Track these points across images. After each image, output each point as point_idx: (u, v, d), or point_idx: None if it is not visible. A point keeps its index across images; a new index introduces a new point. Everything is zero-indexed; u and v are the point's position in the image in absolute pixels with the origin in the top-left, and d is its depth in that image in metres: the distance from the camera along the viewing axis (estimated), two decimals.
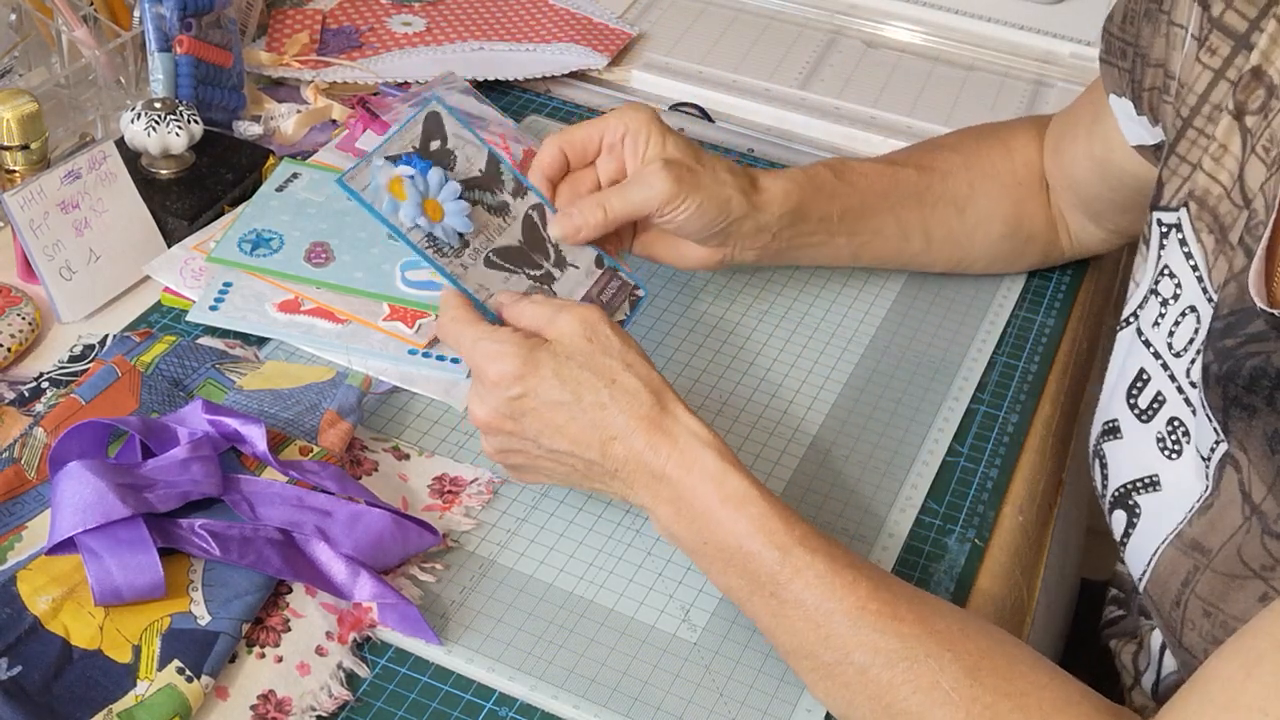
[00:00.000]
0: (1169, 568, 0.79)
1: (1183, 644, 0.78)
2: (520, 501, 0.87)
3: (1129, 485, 0.85)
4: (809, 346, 1.02)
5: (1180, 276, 0.83)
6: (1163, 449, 0.82)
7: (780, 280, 1.07)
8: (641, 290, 0.91)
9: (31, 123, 1.01)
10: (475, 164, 0.88)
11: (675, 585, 0.83)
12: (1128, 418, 0.86)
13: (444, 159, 0.87)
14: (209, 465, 0.80)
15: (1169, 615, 0.79)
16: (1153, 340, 0.84)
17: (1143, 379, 0.85)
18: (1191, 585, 0.77)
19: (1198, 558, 0.77)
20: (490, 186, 0.88)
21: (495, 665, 0.77)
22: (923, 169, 1.02)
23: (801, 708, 0.77)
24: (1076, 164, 1.01)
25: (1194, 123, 0.83)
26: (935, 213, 1.02)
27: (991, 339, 1.04)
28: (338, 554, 0.78)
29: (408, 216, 0.83)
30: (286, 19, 1.29)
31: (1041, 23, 1.39)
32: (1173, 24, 0.86)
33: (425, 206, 0.84)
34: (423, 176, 0.84)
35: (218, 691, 0.74)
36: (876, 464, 0.93)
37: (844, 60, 1.35)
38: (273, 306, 0.96)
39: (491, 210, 0.87)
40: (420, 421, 0.92)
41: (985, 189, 1.03)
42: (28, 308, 0.95)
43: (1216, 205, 0.80)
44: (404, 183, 0.84)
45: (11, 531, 0.80)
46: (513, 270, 0.87)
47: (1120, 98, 0.93)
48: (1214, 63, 0.82)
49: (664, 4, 1.42)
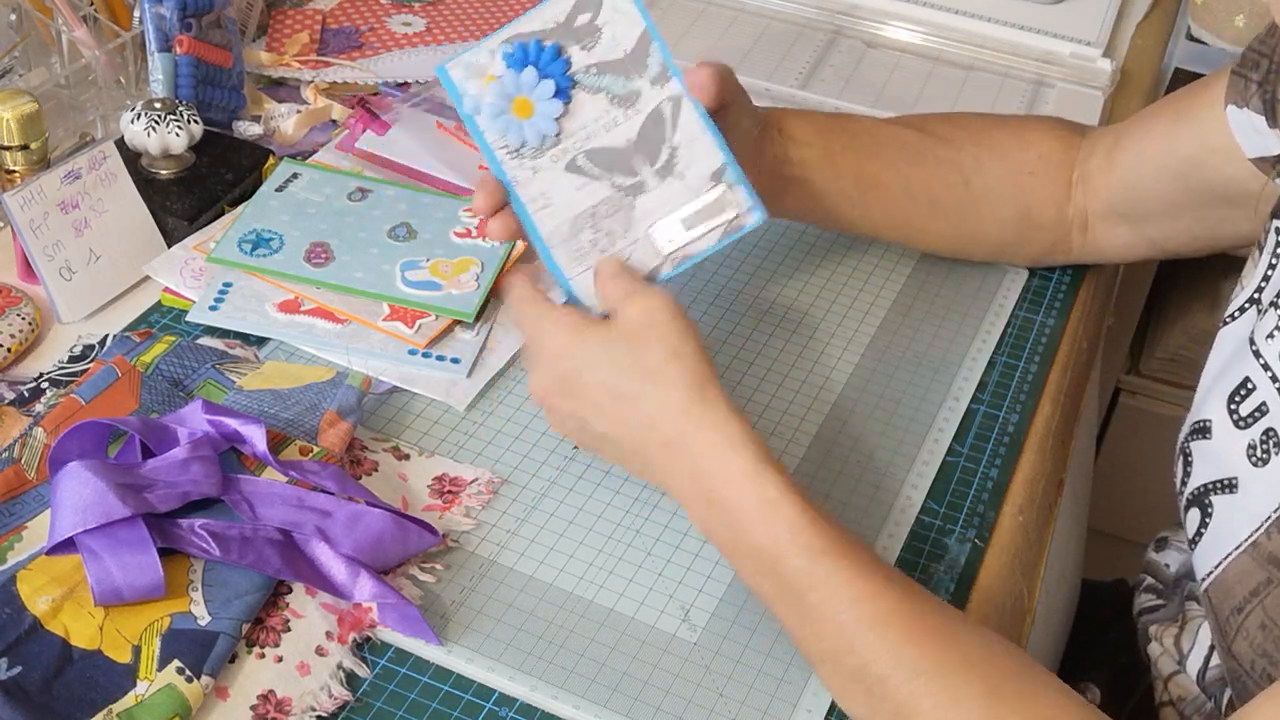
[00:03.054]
0: (1238, 575, 0.79)
1: (1232, 651, 0.77)
2: (520, 501, 0.87)
3: (1207, 485, 0.84)
4: (809, 346, 1.02)
5: None
6: (1250, 455, 0.82)
7: (780, 280, 1.07)
8: (755, 214, 0.83)
9: (31, 123, 1.01)
10: (622, 43, 0.83)
11: (675, 585, 0.83)
12: (1223, 421, 0.85)
13: (585, 36, 0.83)
14: (209, 465, 0.80)
15: (1226, 620, 0.78)
16: (1263, 352, 0.83)
17: (1247, 387, 0.84)
18: (1261, 597, 0.76)
19: (1273, 571, 0.76)
20: (627, 70, 0.84)
21: (495, 665, 0.77)
22: (923, 131, 1.02)
23: (801, 708, 0.77)
24: (1143, 163, 1.00)
25: None
26: (936, 176, 1.02)
27: (991, 339, 1.04)
28: (338, 554, 0.78)
29: (486, 117, 0.83)
30: (286, 19, 1.29)
31: (1041, 23, 1.39)
32: None
33: (514, 103, 0.83)
34: (515, 75, 0.82)
35: (218, 691, 0.74)
36: (876, 464, 0.93)
37: (844, 60, 1.35)
38: (273, 306, 0.96)
39: (615, 100, 0.84)
40: (420, 421, 0.92)
41: (993, 167, 1.03)
42: (28, 308, 0.95)
43: None
44: (492, 85, 0.82)
45: (11, 531, 0.80)
46: (595, 177, 0.83)
47: (1242, 109, 0.93)
48: None
49: (664, 4, 1.42)
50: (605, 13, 0.83)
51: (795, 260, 1.09)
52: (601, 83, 0.83)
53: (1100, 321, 1.14)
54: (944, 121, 1.06)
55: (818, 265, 1.09)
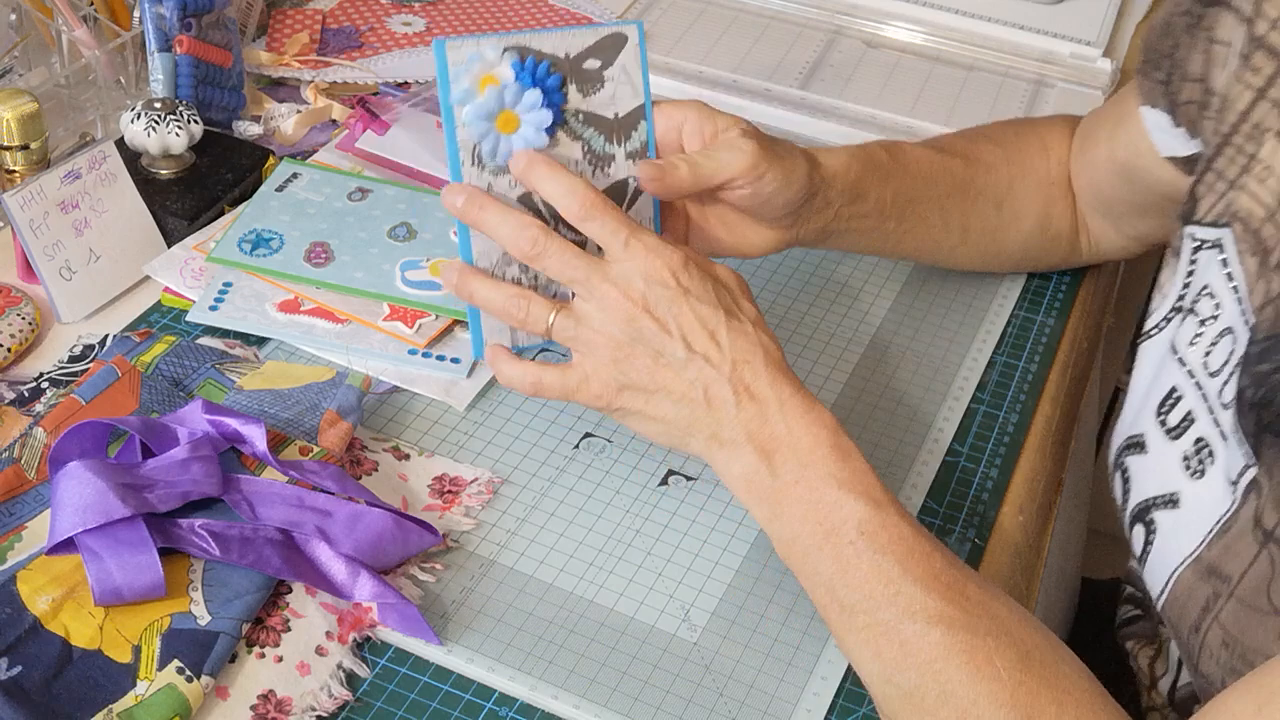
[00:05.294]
0: (1186, 591, 0.79)
1: (1200, 670, 0.77)
2: (520, 502, 0.87)
3: (1149, 501, 0.84)
4: (809, 346, 1.02)
5: (1220, 297, 0.82)
6: (1187, 467, 0.82)
7: (780, 280, 1.07)
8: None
9: (31, 123, 1.01)
10: (617, 105, 0.83)
11: (675, 585, 0.83)
12: (1155, 434, 0.85)
13: (587, 81, 0.82)
14: (209, 465, 0.80)
15: (1187, 640, 0.78)
16: (1188, 359, 0.84)
17: (1174, 397, 0.84)
18: (1214, 612, 0.77)
19: (1217, 584, 0.77)
20: (611, 133, 0.83)
21: (495, 665, 0.77)
22: (969, 160, 1.01)
23: (801, 708, 0.77)
24: (1098, 166, 1.01)
25: (1233, 140, 0.83)
26: (975, 206, 1.01)
27: (991, 339, 1.04)
28: (338, 554, 0.78)
29: (470, 115, 0.79)
30: (286, 19, 1.29)
31: (1041, 23, 1.39)
32: (1214, 41, 0.86)
33: (501, 115, 0.79)
34: (518, 90, 0.79)
35: (218, 691, 0.74)
36: (877, 464, 0.92)
37: (844, 60, 1.35)
38: (273, 306, 0.96)
39: (590, 154, 0.82)
40: (420, 421, 0.92)
41: (1023, 186, 1.02)
42: (28, 308, 0.95)
43: (1260, 228, 0.80)
44: (491, 89, 0.79)
45: (11, 531, 0.80)
46: (544, 219, 0.81)
47: (1154, 109, 0.93)
48: (1257, 81, 0.82)
49: (664, 4, 1.42)
50: (615, 69, 0.82)
51: (795, 260, 1.09)
52: (585, 133, 0.82)
53: (1100, 321, 1.14)
54: (985, 142, 1.04)
55: (818, 265, 1.09)
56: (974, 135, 1.06)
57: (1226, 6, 0.85)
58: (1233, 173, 0.83)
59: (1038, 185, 1.03)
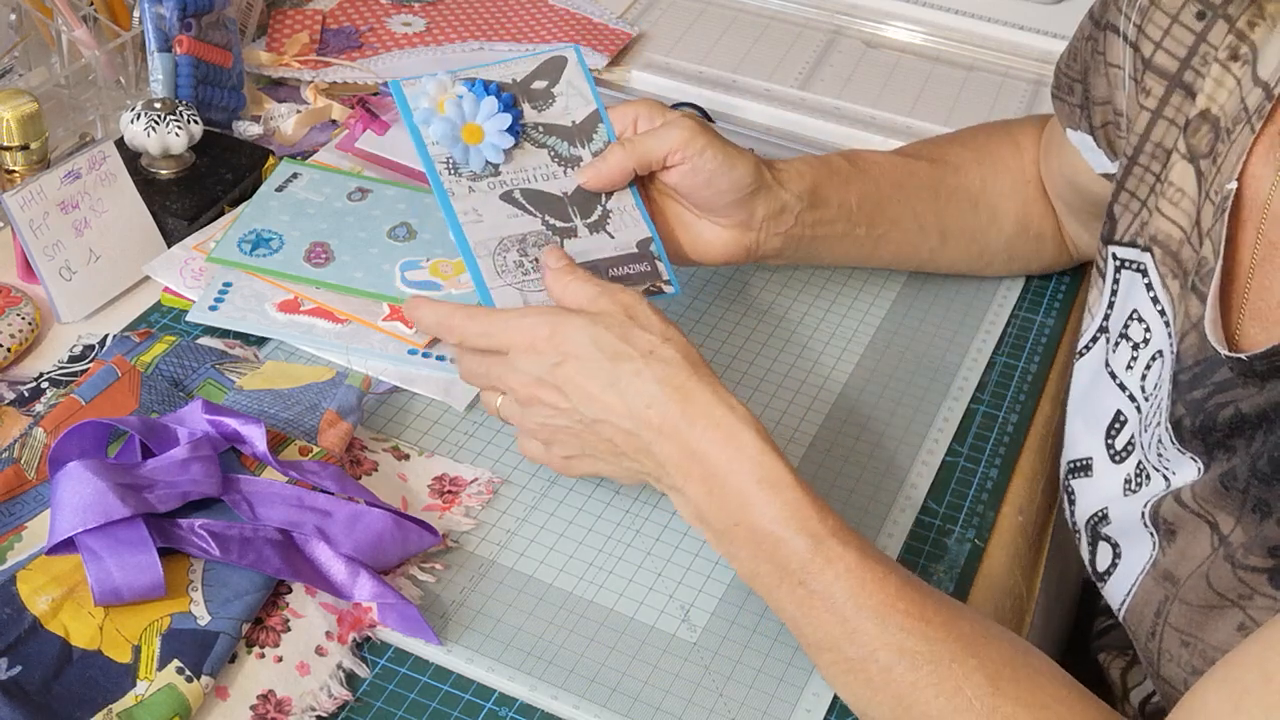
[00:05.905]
0: (1144, 597, 0.79)
1: (1161, 674, 0.77)
2: (520, 501, 0.87)
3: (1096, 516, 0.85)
4: (809, 346, 1.02)
5: (1149, 321, 0.82)
6: (1126, 488, 0.83)
7: (780, 280, 1.07)
8: (671, 287, 0.88)
9: (31, 123, 1.01)
10: (573, 114, 0.90)
11: (675, 585, 0.83)
12: (1102, 457, 0.85)
13: (539, 99, 0.89)
14: (209, 465, 0.80)
15: (1146, 646, 0.78)
16: (1128, 384, 0.84)
17: (1120, 421, 0.84)
18: (1164, 615, 0.76)
19: (1168, 587, 0.77)
20: (573, 138, 0.89)
21: (495, 665, 0.77)
22: (935, 162, 1.01)
23: (801, 708, 0.77)
24: (1054, 176, 1.02)
25: (1139, 160, 0.84)
26: (949, 207, 1.01)
27: (991, 339, 1.04)
28: (337, 554, 0.78)
29: (436, 132, 0.86)
30: (286, 19, 1.29)
31: (1041, 23, 1.39)
32: (1110, 65, 0.87)
33: (464, 129, 0.86)
34: (474, 100, 0.86)
35: (218, 691, 0.74)
36: (876, 464, 0.93)
37: (844, 60, 1.35)
38: (273, 306, 0.96)
39: (557, 158, 0.88)
40: (420, 421, 0.92)
41: (996, 185, 1.03)
42: (28, 308, 0.95)
43: (1178, 250, 0.80)
44: (450, 103, 0.86)
45: (11, 531, 0.80)
46: (529, 212, 0.86)
47: (1076, 131, 0.94)
48: (1150, 103, 0.83)
49: (664, 4, 1.42)
50: (561, 85, 0.90)
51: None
52: (548, 140, 0.89)
53: None
54: (952, 144, 1.05)
55: (817, 265, 1.09)
56: (940, 139, 1.07)
57: (1114, 30, 0.86)
58: (1143, 192, 0.84)
59: (1013, 184, 1.03)
